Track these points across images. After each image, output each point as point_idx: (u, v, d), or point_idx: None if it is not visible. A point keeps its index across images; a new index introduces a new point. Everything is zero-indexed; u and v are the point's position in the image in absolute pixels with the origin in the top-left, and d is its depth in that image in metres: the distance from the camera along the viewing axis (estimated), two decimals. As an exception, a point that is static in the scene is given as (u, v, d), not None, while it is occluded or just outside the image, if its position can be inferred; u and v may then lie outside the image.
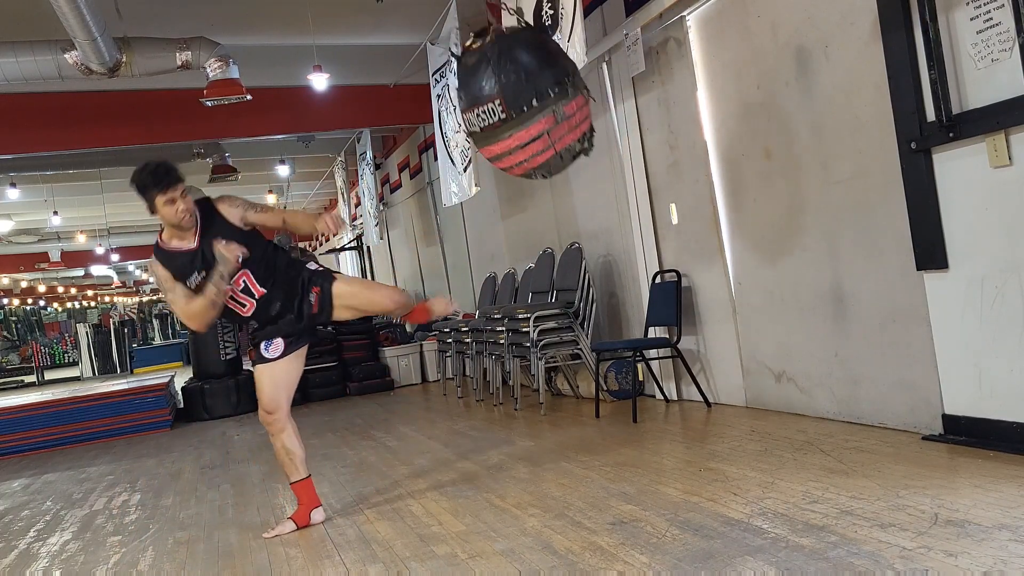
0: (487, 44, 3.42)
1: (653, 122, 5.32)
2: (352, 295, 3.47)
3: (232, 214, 3.33)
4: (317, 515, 3.52)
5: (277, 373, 3.40)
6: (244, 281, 3.32)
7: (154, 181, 3.14)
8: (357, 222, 13.47)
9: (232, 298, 3.30)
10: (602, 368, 5.48)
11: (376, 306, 3.58)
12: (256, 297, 3.35)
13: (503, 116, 3.37)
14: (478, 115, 3.39)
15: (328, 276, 3.46)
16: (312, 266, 3.51)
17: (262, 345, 3.37)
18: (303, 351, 3.49)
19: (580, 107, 3.44)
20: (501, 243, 8.19)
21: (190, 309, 3.19)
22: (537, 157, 3.45)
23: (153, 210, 3.18)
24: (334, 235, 3.48)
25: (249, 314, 3.34)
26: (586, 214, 6.35)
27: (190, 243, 3.23)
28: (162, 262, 3.24)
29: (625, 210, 5.67)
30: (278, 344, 3.35)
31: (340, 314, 3.46)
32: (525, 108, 3.33)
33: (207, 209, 3.30)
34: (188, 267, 3.21)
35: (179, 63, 6.31)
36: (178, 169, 3.22)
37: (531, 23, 3.78)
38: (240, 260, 3.26)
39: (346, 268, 17.20)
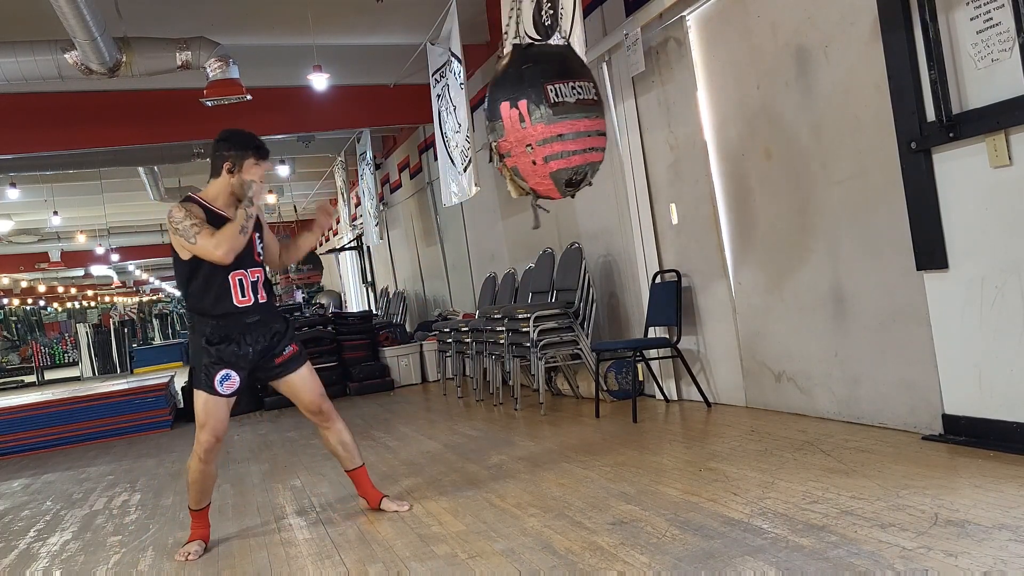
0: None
1: (653, 122, 5.32)
2: (311, 384, 3.53)
3: (262, 217, 3.55)
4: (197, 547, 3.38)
5: (230, 403, 3.39)
6: (258, 276, 3.39)
7: (257, 145, 3.35)
8: (357, 222, 13.48)
9: (240, 282, 3.32)
10: (602, 368, 5.48)
11: (309, 406, 3.52)
12: (256, 298, 3.36)
13: (595, 97, 3.77)
14: (574, 88, 3.69)
15: (305, 355, 3.57)
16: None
17: (218, 377, 3.29)
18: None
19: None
20: (501, 243, 8.19)
21: (222, 234, 3.21)
22: (588, 154, 3.78)
23: (234, 168, 3.31)
24: (330, 229, 3.61)
25: (241, 306, 3.32)
26: (586, 214, 6.35)
27: (230, 214, 3.36)
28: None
29: (625, 210, 5.66)
30: (234, 381, 3.33)
31: (282, 386, 3.51)
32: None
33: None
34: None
35: (179, 63, 6.31)
36: None
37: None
38: (259, 256, 3.42)
39: (346, 269, 17.21)
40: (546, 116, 3.80)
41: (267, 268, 3.50)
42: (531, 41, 4.17)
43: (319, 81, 7.10)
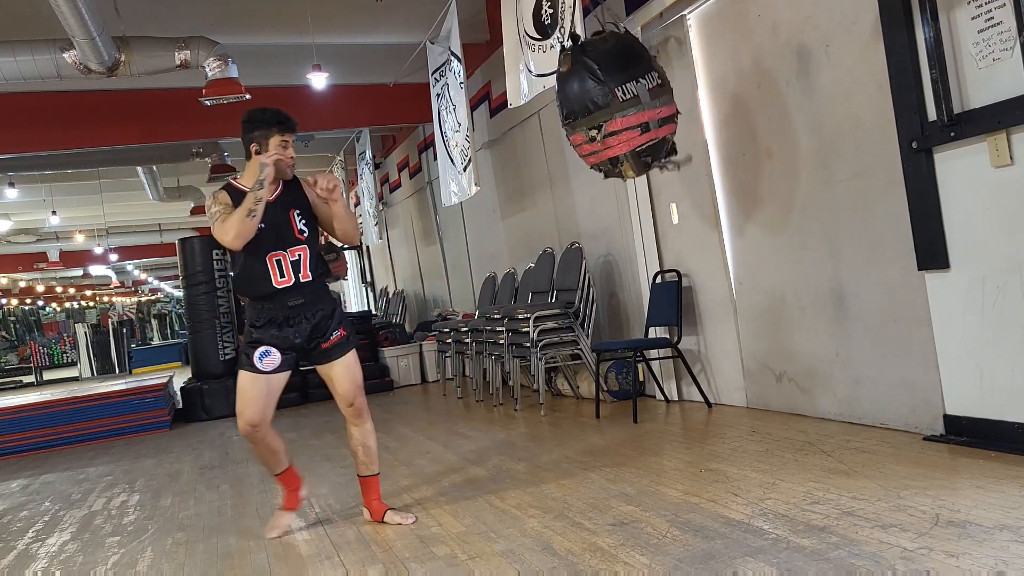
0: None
1: (653, 122, 5.30)
2: (350, 374, 3.41)
3: (308, 192, 3.39)
4: (303, 492, 3.62)
5: (272, 385, 3.29)
6: (299, 255, 3.28)
7: (279, 120, 3.25)
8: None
9: (279, 262, 3.23)
10: (602, 368, 5.47)
11: (343, 396, 3.40)
12: (298, 277, 3.26)
13: (660, 83, 3.97)
14: (639, 81, 3.91)
15: (354, 341, 3.46)
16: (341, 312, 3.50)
17: (257, 353, 3.24)
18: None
19: (619, 130, 3.84)
20: (501, 243, 8.18)
21: (229, 220, 3.12)
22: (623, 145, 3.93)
23: (260, 148, 3.23)
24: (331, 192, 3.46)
25: (280, 287, 3.23)
26: (586, 214, 6.34)
27: (268, 195, 3.25)
28: (232, 198, 3.23)
29: (625, 210, 5.66)
30: (275, 358, 3.25)
31: (320, 370, 3.41)
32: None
33: (292, 179, 3.40)
34: None
35: (178, 62, 6.30)
36: None
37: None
38: (301, 234, 3.29)
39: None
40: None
41: (314, 245, 3.34)
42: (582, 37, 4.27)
43: (318, 80, 7.09)
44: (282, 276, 3.25)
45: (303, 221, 3.32)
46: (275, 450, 3.44)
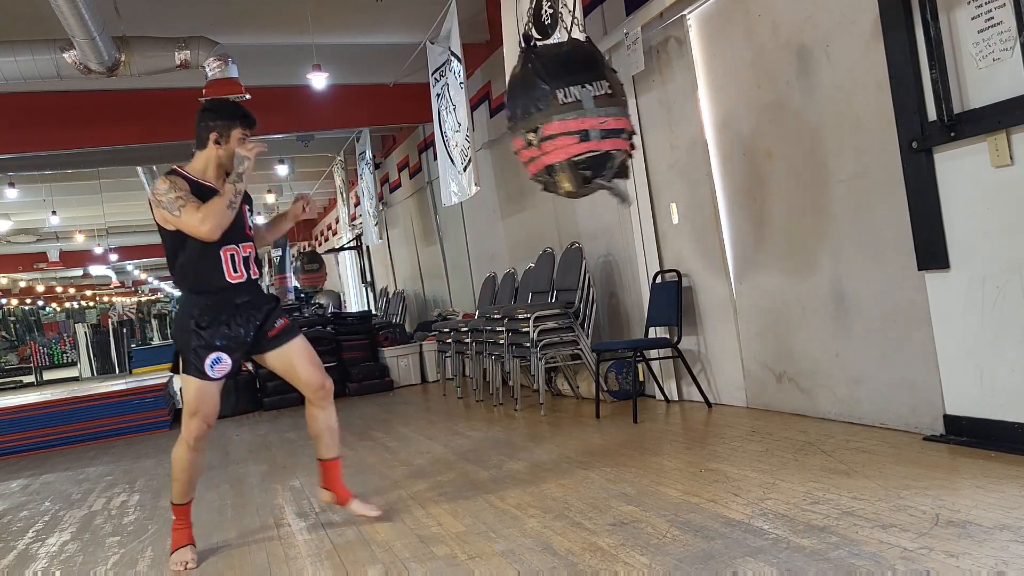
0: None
1: (654, 122, 5.31)
2: (309, 356, 3.39)
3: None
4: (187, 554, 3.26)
5: (219, 386, 3.28)
6: (249, 252, 3.28)
7: (244, 114, 3.25)
8: (356, 222, 13.46)
9: (232, 257, 3.20)
10: (602, 368, 5.47)
11: (311, 382, 3.37)
12: (248, 274, 3.26)
13: (609, 93, 3.75)
14: (584, 87, 3.72)
15: (298, 328, 3.44)
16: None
17: (208, 360, 3.17)
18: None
19: (556, 134, 3.66)
20: (501, 243, 8.18)
21: (208, 209, 3.07)
22: (548, 156, 3.76)
23: (221, 139, 3.19)
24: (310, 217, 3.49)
25: (234, 282, 3.20)
26: (586, 214, 6.34)
27: (219, 187, 3.23)
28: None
29: (625, 210, 5.65)
30: (225, 364, 3.21)
31: (272, 361, 3.37)
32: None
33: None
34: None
35: (178, 62, 6.30)
36: None
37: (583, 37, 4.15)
38: (250, 230, 3.31)
39: (345, 269, 17.19)
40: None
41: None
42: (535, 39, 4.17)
43: (318, 80, 7.09)
44: (235, 271, 3.20)
45: (251, 217, 3.34)
46: (201, 470, 3.37)
